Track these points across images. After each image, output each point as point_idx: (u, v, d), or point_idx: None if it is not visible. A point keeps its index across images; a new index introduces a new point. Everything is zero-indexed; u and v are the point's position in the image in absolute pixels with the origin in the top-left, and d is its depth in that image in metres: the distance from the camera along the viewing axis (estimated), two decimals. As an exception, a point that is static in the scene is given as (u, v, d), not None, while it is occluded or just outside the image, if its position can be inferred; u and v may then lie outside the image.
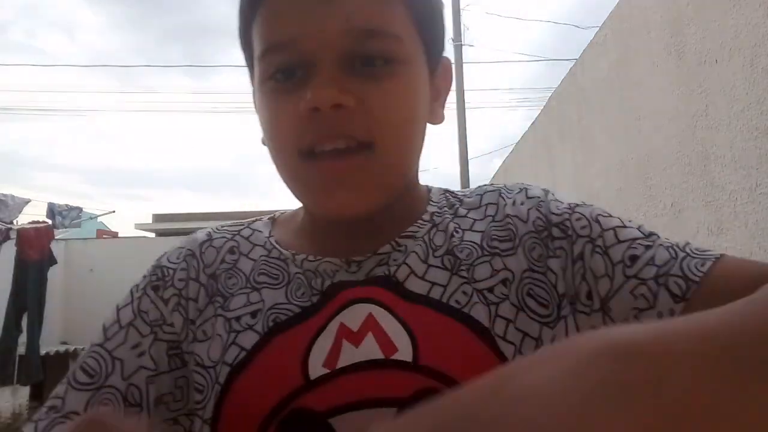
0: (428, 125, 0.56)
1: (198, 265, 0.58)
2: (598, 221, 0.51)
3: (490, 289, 0.50)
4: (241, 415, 0.48)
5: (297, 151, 0.48)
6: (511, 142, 4.80)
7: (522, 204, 0.55)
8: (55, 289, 7.23)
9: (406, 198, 0.56)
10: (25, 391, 6.52)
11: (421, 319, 0.48)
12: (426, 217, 0.55)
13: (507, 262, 0.51)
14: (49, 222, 6.77)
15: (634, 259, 0.47)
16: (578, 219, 0.51)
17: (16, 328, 6.10)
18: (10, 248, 6.08)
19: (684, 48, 1.68)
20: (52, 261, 6.52)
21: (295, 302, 0.51)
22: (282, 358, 0.48)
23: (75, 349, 7.62)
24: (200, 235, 0.62)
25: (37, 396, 6.82)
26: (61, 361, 7.29)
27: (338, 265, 0.53)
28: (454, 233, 0.54)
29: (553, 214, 0.52)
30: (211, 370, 0.51)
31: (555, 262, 0.50)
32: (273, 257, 0.56)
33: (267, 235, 0.59)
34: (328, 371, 0.47)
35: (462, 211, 0.57)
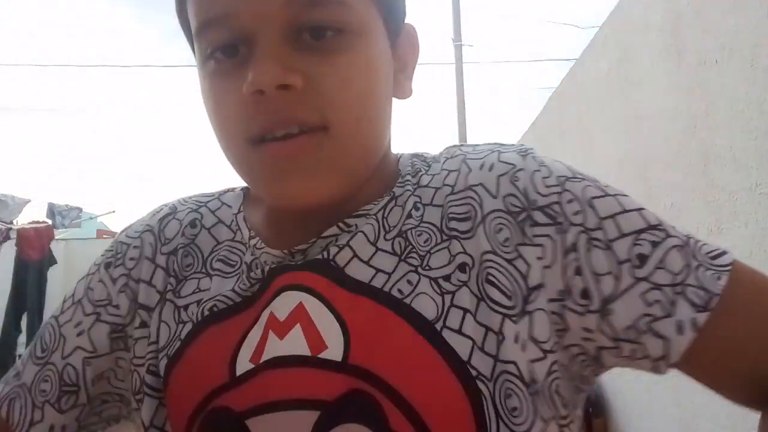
0: (395, 101, 0.51)
1: (155, 243, 0.54)
2: (592, 206, 0.45)
3: (446, 277, 0.44)
4: (175, 412, 0.45)
5: (244, 139, 0.43)
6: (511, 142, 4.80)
7: (490, 170, 0.47)
8: (55, 289, 7.22)
9: (373, 182, 0.49)
10: (25, 391, 6.52)
11: (358, 312, 0.43)
12: (389, 192, 0.49)
13: (466, 245, 0.45)
14: (49, 222, 6.77)
15: (643, 258, 0.43)
16: (569, 201, 0.45)
17: (16, 328, 6.10)
18: (10, 248, 6.08)
19: (684, 48, 1.68)
20: (52, 261, 6.52)
21: (237, 291, 0.47)
22: (211, 351, 0.45)
23: (75, 349, 7.62)
24: (165, 208, 0.57)
25: (37, 396, 6.82)
26: (61, 361, 7.29)
27: (281, 256, 0.48)
28: (413, 210, 0.47)
29: (538, 193, 0.45)
30: (153, 360, 0.48)
31: (531, 250, 0.44)
32: (236, 241, 0.52)
33: (235, 210, 0.54)
34: (253, 365, 0.43)
35: (425, 179, 0.50)
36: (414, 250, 0.45)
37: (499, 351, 0.41)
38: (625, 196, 0.47)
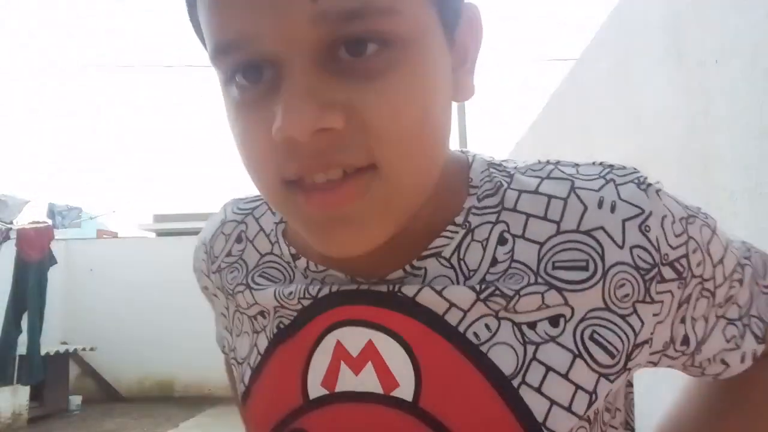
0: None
1: (207, 260, 0.54)
2: (710, 254, 0.41)
3: (532, 325, 0.39)
4: (256, 425, 0.47)
5: (280, 180, 0.37)
6: (511, 143, 4.80)
7: (612, 211, 0.39)
8: (55, 289, 7.22)
9: (432, 202, 0.42)
10: (25, 391, 6.51)
11: (430, 351, 0.40)
12: (459, 219, 0.42)
13: (570, 297, 0.39)
14: (49, 222, 6.77)
15: (728, 300, 0.43)
16: (694, 251, 0.40)
17: (16, 328, 6.10)
18: (10, 248, 6.08)
19: (684, 48, 1.68)
20: (52, 261, 6.52)
21: (290, 307, 0.45)
22: (283, 372, 0.45)
23: (75, 349, 7.62)
24: (217, 219, 0.55)
25: (37, 396, 6.82)
26: (61, 361, 7.29)
27: (342, 280, 0.44)
28: (499, 246, 0.41)
29: (670, 246, 0.39)
30: (241, 366, 0.49)
31: (650, 309, 0.39)
32: (275, 255, 0.49)
33: (277, 219, 0.51)
34: (327, 392, 0.43)
35: (511, 196, 0.42)
36: (498, 293, 0.39)
37: (586, 411, 0.39)
38: (712, 219, 0.44)
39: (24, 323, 6.13)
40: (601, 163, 0.43)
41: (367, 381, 0.41)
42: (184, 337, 8.33)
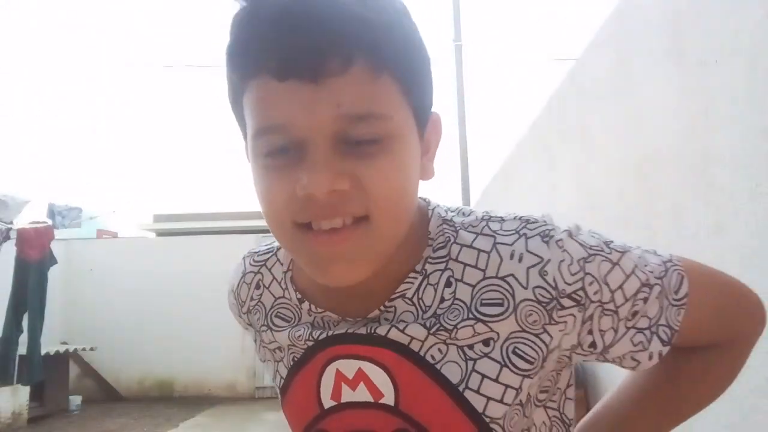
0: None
1: (237, 305, 0.71)
2: (607, 283, 0.54)
3: (470, 346, 0.55)
4: (291, 427, 0.65)
5: (292, 223, 0.52)
6: (511, 143, 4.80)
7: (520, 261, 0.54)
8: (55, 289, 7.22)
9: (401, 251, 0.56)
10: (25, 391, 6.52)
11: (403, 371, 0.57)
12: (419, 267, 0.58)
13: (494, 326, 0.54)
14: (49, 222, 6.77)
15: (635, 314, 0.56)
16: (590, 284, 0.54)
17: (17, 328, 6.10)
18: (10, 248, 6.08)
19: (684, 48, 1.68)
20: (52, 261, 6.52)
21: (299, 346, 0.62)
22: (302, 392, 0.63)
23: (75, 349, 7.62)
24: (240, 272, 0.71)
25: (37, 396, 6.82)
26: (61, 361, 7.29)
27: (336, 320, 0.60)
28: (446, 288, 0.56)
29: (566, 283, 0.53)
30: (274, 383, 0.68)
31: (556, 328, 0.54)
32: (286, 298, 0.65)
33: (285, 269, 0.66)
34: (335, 403, 0.60)
35: (455, 249, 0.57)
36: (442, 328, 0.55)
37: (514, 400, 0.56)
38: (624, 255, 0.56)
39: (24, 323, 6.13)
40: (520, 218, 0.58)
41: (362, 394, 0.58)
42: (184, 337, 8.33)
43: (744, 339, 0.65)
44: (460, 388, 0.55)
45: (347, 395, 0.59)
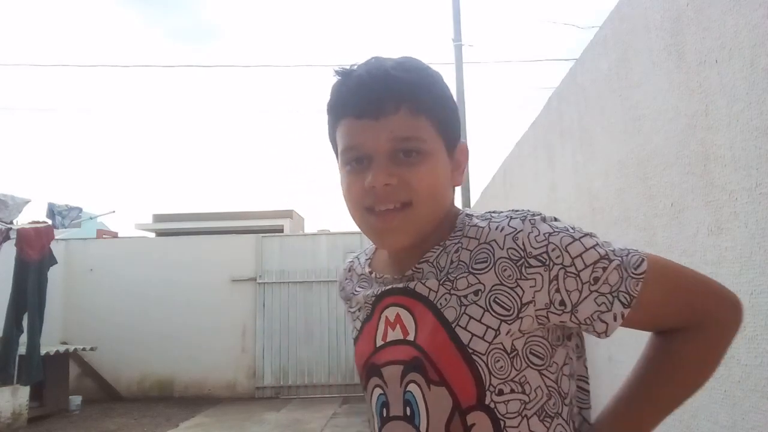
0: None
1: (339, 285, 1.04)
2: (567, 251, 0.75)
3: (465, 296, 0.78)
4: (357, 364, 0.92)
5: (362, 207, 0.82)
6: (511, 143, 4.79)
7: (501, 231, 0.78)
8: (55, 289, 7.23)
9: (437, 231, 0.84)
10: (25, 391, 6.52)
11: (422, 315, 0.81)
12: (441, 243, 0.83)
13: (480, 277, 0.77)
14: (49, 222, 6.77)
15: (596, 279, 0.75)
16: (553, 250, 0.75)
17: (17, 328, 6.10)
18: (10, 248, 6.08)
19: (684, 48, 1.68)
20: (52, 261, 6.53)
21: (369, 303, 0.91)
22: (367, 336, 0.90)
23: (75, 349, 7.62)
24: (343, 269, 1.04)
25: (37, 396, 6.82)
26: (61, 361, 7.29)
27: (388, 280, 0.88)
28: (454, 254, 0.81)
29: (533, 247, 0.75)
30: (353, 335, 0.95)
31: (526, 282, 0.75)
32: (365, 274, 0.95)
33: (367, 257, 0.98)
34: (382, 342, 0.86)
35: (467, 230, 0.82)
36: (448, 279, 0.80)
37: (493, 339, 0.76)
38: (587, 236, 0.76)
39: (24, 323, 6.13)
40: (514, 210, 0.81)
41: (397, 333, 0.84)
42: (184, 337, 8.33)
43: (714, 322, 0.78)
44: (453, 325, 0.77)
45: (390, 335, 0.85)
